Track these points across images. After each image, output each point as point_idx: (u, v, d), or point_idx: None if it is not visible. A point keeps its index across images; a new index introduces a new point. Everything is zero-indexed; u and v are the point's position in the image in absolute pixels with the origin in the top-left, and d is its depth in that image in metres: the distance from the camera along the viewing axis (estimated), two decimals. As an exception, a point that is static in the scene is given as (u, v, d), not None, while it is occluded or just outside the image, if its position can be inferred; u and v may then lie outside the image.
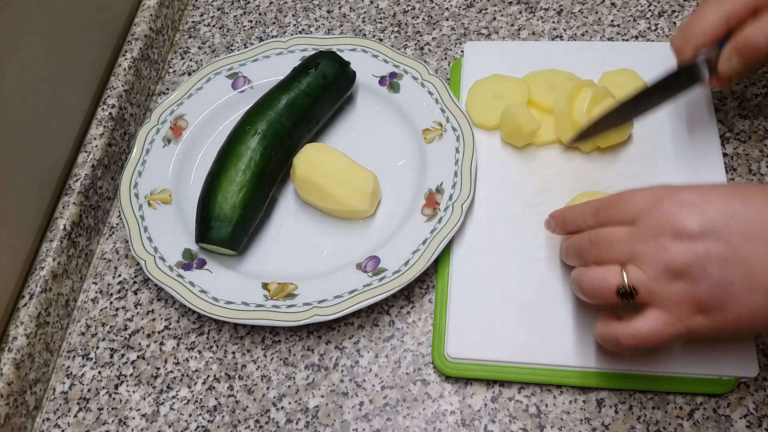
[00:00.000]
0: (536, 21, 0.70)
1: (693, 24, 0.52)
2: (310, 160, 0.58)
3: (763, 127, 0.60)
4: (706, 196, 0.42)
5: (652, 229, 0.42)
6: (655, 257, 0.42)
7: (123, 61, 0.68)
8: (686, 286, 0.41)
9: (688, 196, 0.42)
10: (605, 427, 0.49)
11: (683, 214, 0.41)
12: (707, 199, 0.42)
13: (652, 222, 0.43)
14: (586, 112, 0.57)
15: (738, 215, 0.41)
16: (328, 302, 0.53)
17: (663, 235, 0.42)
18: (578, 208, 0.49)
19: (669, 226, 0.42)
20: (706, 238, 0.41)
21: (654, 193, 0.44)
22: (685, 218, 0.41)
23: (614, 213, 0.45)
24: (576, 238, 0.48)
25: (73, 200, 0.60)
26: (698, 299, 0.41)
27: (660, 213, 0.42)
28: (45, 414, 0.54)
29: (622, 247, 0.44)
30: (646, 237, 0.43)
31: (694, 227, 0.41)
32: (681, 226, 0.41)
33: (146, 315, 0.58)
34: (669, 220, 0.42)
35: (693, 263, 0.41)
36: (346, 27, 0.73)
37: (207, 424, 0.52)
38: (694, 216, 0.41)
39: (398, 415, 0.51)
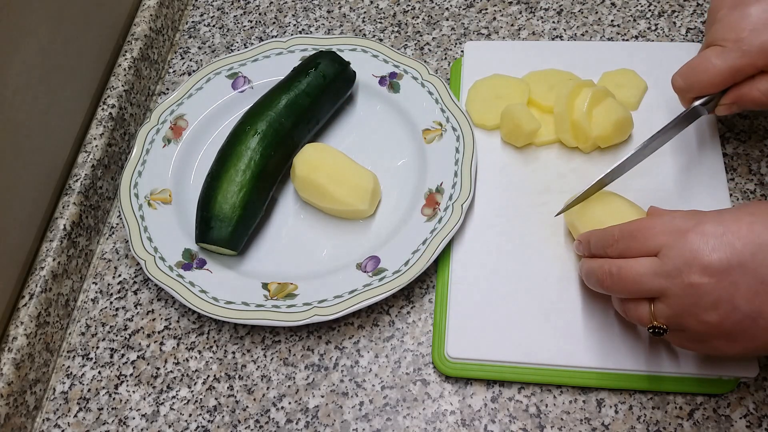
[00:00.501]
0: (536, 21, 0.70)
1: (699, 72, 0.52)
2: (310, 160, 0.58)
3: (763, 127, 0.60)
4: (730, 227, 0.41)
5: (678, 265, 0.41)
6: (684, 295, 0.41)
7: (123, 61, 0.68)
8: (716, 319, 0.41)
9: (711, 228, 0.41)
10: (605, 427, 0.49)
11: (709, 248, 0.41)
12: (732, 230, 0.41)
13: (677, 257, 0.41)
14: (586, 112, 0.57)
15: (764, 245, 0.40)
16: (328, 302, 0.53)
17: (690, 272, 0.41)
18: (601, 234, 0.47)
19: (695, 262, 0.41)
20: (734, 273, 0.40)
21: (676, 224, 0.43)
22: (711, 253, 0.40)
23: (636, 244, 0.44)
24: (595, 265, 0.47)
25: (73, 200, 0.60)
26: (728, 331, 0.42)
27: (685, 247, 0.41)
28: (45, 414, 0.54)
29: (648, 283, 0.43)
30: (672, 273, 0.42)
31: (721, 263, 0.40)
32: (708, 262, 0.40)
33: (146, 315, 0.58)
34: (695, 255, 0.41)
35: (722, 298, 0.40)
36: (346, 27, 0.73)
37: (207, 424, 0.52)
38: (721, 250, 0.40)
39: (398, 415, 0.51)
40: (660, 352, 0.50)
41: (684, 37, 0.67)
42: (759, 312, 0.40)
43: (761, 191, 0.57)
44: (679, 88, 0.54)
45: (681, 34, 0.67)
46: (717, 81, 0.51)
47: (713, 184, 0.56)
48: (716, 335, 0.42)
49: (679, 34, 0.67)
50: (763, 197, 0.57)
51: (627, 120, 0.58)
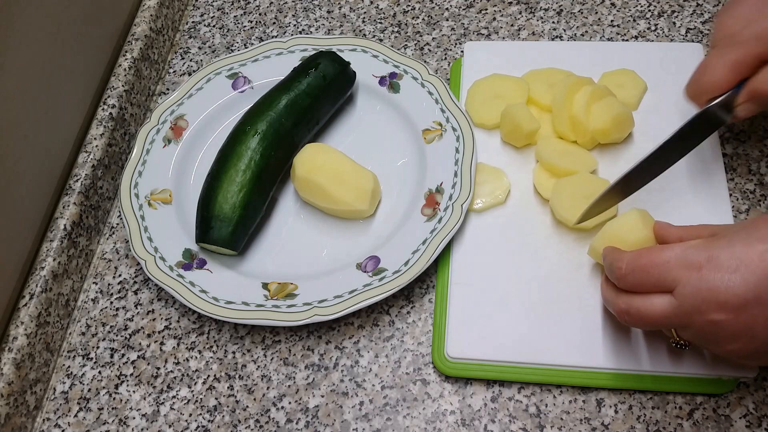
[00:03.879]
0: (536, 21, 0.70)
1: (703, 76, 0.52)
2: (310, 160, 0.58)
3: (763, 127, 0.60)
4: (743, 258, 0.41)
5: (695, 304, 0.42)
6: (703, 329, 0.42)
7: (123, 61, 0.68)
8: (737, 347, 0.42)
9: (725, 261, 0.41)
10: (605, 427, 0.49)
11: (725, 285, 0.40)
12: (745, 262, 0.40)
13: (694, 296, 0.42)
14: (585, 107, 0.57)
15: None
16: (328, 302, 0.53)
17: (708, 310, 0.41)
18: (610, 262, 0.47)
19: (713, 300, 0.41)
20: (752, 307, 0.40)
21: (689, 258, 0.42)
22: (728, 290, 0.40)
23: (650, 280, 0.44)
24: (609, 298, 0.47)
25: (74, 200, 0.60)
26: (749, 354, 0.43)
27: (701, 286, 0.41)
28: (45, 414, 0.55)
29: (667, 323, 0.44)
30: (690, 312, 0.42)
31: (738, 299, 0.40)
32: (725, 300, 0.40)
33: (146, 315, 0.58)
34: (712, 294, 0.41)
35: (741, 331, 0.41)
36: (346, 27, 0.73)
37: (207, 423, 0.52)
38: (737, 286, 0.40)
39: (398, 414, 0.51)
40: (660, 352, 0.50)
41: (684, 37, 0.67)
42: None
43: (761, 191, 0.57)
44: (691, 94, 0.54)
45: (681, 35, 0.67)
46: (721, 78, 0.51)
47: (713, 184, 0.56)
48: (738, 356, 0.44)
49: (678, 35, 0.67)
50: (763, 197, 0.57)
51: (626, 116, 0.58)
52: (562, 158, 0.57)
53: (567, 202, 0.55)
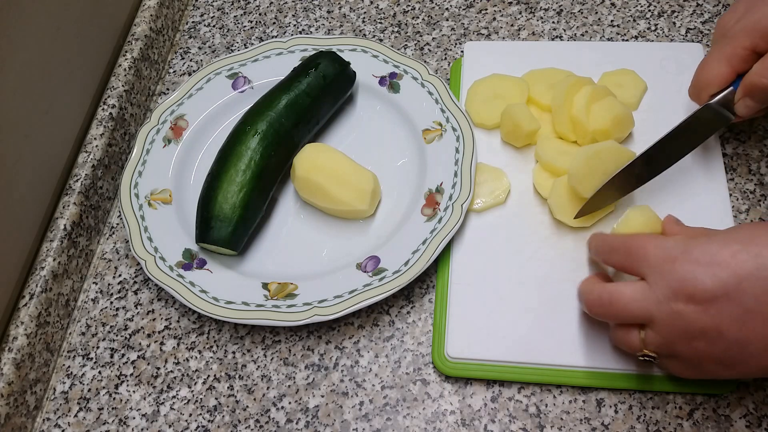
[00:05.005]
0: (536, 21, 0.70)
1: (700, 75, 0.54)
2: (310, 160, 0.58)
3: (763, 127, 0.60)
4: (717, 255, 0.41)
5: (665, 293, 0.42)
6: (671, 323, 0.42)
7: (123, 61, 0.68)
8: (705, 346, 0.42)
9: (699, 256, 0.42)
10: (605, 427, 0.49)
11: (695, 277, 0.41)
12: (718, 259, 0.41)
13: (664, 284, 0.42)
14: (585, 107, 0.57)
15: (750, 275, 0.40)
16: (328, 302, 0.53)
17: (677, 299, 0.42)
18: (604, 239, 0.48)
19: (682, 290, 0.41)
20: (720, 302, 0.40)
21: (666, 250, 0.43)
22: (697, 282, 0.41)
23: (627, 261, 0.45)
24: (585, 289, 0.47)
25: (74, 200, 0.60)
26: (717, 357, 0.42)
27: (672, 275, 0.42)
28: (45, 414, 0.55)
29: (637, 309, 0.44)
30: (659, 300, 0.42)
31: (706, 292, 0.41)
32: (693, 292, 0.41)
33: (146, 315, 0.58)
34: (682, 284, 0.41)
35: (709, 327, 0.41)
36: (346, 27, 0.73)
37: (207, 423, 0.52)
38: (707, 279, 0.41)
39: (398, 415, 0.51)
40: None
41: (684, 37, 0.67)
42: (747, 340, 0.41)
43: (761, 191, 0.57)
44: (692, 93, 0.55)
45: (681, 35, 0.67)
46: (716, 73, 0.52)
47: (713, 184, 0.56)
48: (708, 361, 0.43)
49: (678, 35, 0.67)
50: (763, 197, 0.57)
51: (626, 116, 0.58)
52: (561, 158, 0.57)
53: (565, 202, 0.55)
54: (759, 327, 0.40)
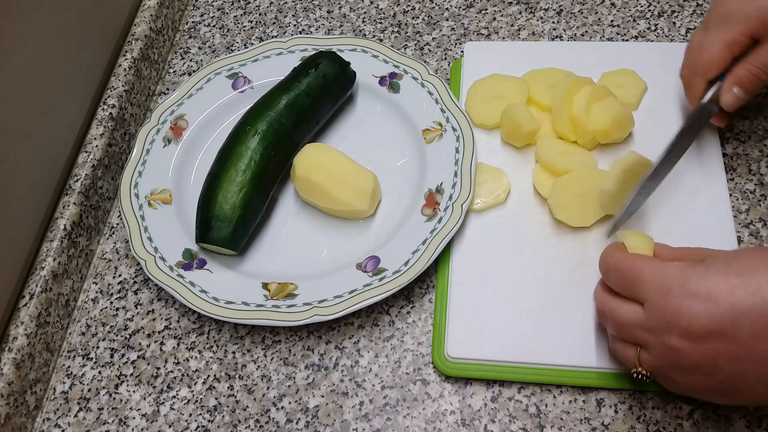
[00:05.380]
0: (536, 21, 0.70)
1: (698, 56, 0.54)
2: (310, 160, 0.58)
3: (763, 127, 0.60)
4: (713, 289, 0.40)
5: (659, 324, 0.41)
6: (665, 354, 0.42)
7: (123, 61, 0.68)
8: (698, 378, 0.42)
9: (695, 288, 0.40)
10: (605, 427, 0.49)
11: (690, 312, 0.40)
12: (714, 294, 0.40)
13: (659, 316, 0.41)
14: (585, 107, 0.57)
15: (746, 313, 0.39)
16: (328, 302, 0.53)
17: (671, 333, 0.41)
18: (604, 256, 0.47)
19: (675, 325, 0.40)
20: (715, 339, 0.39)
21: (662, 278, 0.42)
22: (692, 318, 0.40)
23: (623, 285, 0.45)
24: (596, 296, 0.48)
25: (74, 200, 0.60)
26: (712, 388, 0.42)
27: (667, 308, 0.41)
28: (45, 414, 0.55)
29: (633, 333, 0.44)
30: (654, 330, 0.42)
31: (700, 328, 0.40)
32: (687, 327, 0.40)
33: (146, 315, 0.58)
34: (676, 318, 0.40)
35: (702, 362, 0.40)
36: (346, 27, 0.73)
37: (207, 423, 0.52)
38: (702, 315, 0.40)
39: (398, 415, 0.51)
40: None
41: (684, 37, 0.67)
42: (741, 375, 0.40)
43: (761, 191, 0.57)
44: (687, 76, 0.55)
45: (681, 34, 0.67)
46: (718, 58, 0.53)
47: (713, 184, 0.56)
48: (702, 390, 0.43)
49: (678, 34, 0.67)
50: (763, 197, 0.57)
51: (626, 116, 0.58)
52: (561, 158, 0.57)
53: (565, 201, 0.55)
54: (755, 364, 0.39)
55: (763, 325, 0.38)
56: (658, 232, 0.53)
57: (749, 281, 0.39)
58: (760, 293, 0.39)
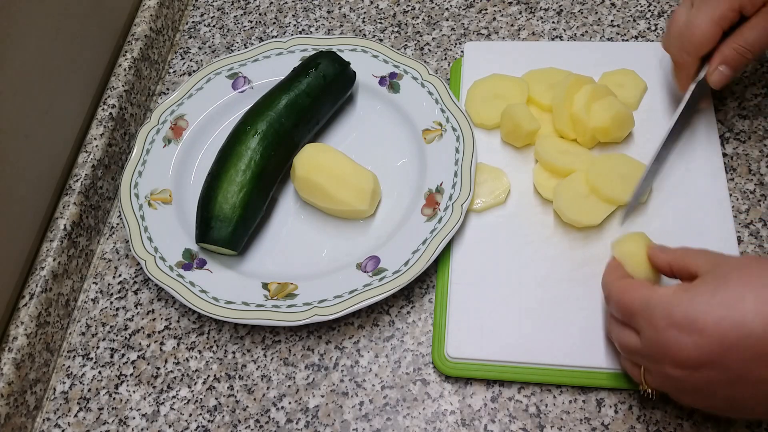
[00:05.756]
0: (536, 21, 0.70)
1: (689, 35, 0.53)
2: (311, 160, 0.58)
3: (763, 127, 0.60)
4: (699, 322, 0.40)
5: (654, 355, 0.42)
6: (665, 378, 0.43)
7: (123, 61, 0.68)
8: (700, 399, 0.43)
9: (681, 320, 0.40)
10: (605, 427, 0.49)
11: (679, 345, 0.40)
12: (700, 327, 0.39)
13: (652, 349, 0.42)
14: (585, 105, 0.57)
15: (733, 345, 0.39)
16: (328, 302, 0.53)
17: (664, 363, 0.42)
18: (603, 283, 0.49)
19: (667, 357, 0.41)
20: (707, 369, 0.40)
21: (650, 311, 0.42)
22: (681, 351, 0.40)
23: (618, 314, 0.46)
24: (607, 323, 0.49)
25: (74, 200, 0.60)
26: (716, 406, 0.43)
27: (658, 341, 0.41)
28: (45, 414, 0.55)
29: (634, 357, 0.45)
30: (650, 358, 0.43)
31: (690, 361, 0.40)
32: (678, 360, 0.41)
33: (146, 315, 0.58)
34: (666, 351, 0.41)
35: (699, 387, 0.41)
36: (346, 27, 0.73)
37: (207, 423, 0.52)
38: (690, 348, 0.40)
39: (398, 414, 0.51)
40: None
41: (684, 37, 0.67)
42: (738, 398, 0.41)
43: (761, 191, 0.57)
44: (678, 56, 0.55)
45: (681, 34, 0.67)
46: (709, 35, 0.53)
47: (713, 184, 0.56)
48: (708, 407, 0.45)
49: (679, 34, 0.67)
50: (763, 197, 0.57)
51: (626, 115, 0.58)
52: (561, 157, 0.57)
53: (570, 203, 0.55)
54: (751, 388, 0.40)
55: (752, 354, 0.39)
56: (659, 232, 0.53)
57: (734, 313, 0.39)
58: (746, 327, 0.39)
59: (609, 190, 0.55)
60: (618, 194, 0.55)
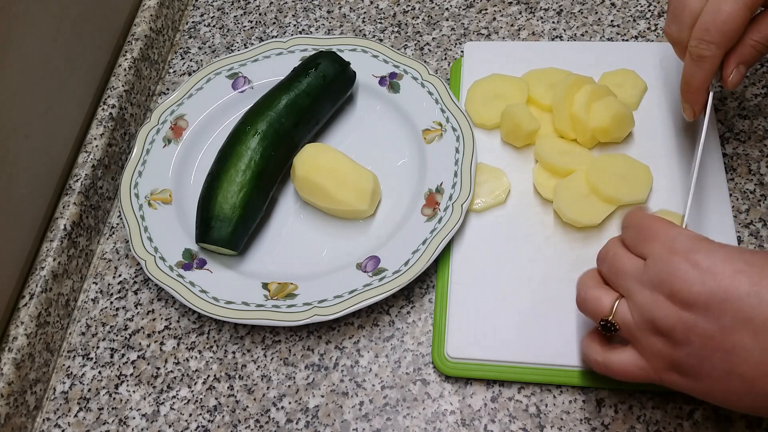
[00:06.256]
0: (536, 21, 0.70)
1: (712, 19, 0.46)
2: (311, 160, 0.58)
3: (763, 127, 0.60)
4: (717, 266, 0.39)
5: (653, 279, 0.41)
6: (646, 308, 0.41)
7: (123, 61, 0.68)
8: (666, 345, 0.41)
9: (700, 259, 0.40)
10: (605, 427, 0.49)
11: (686, 278, 0.40)
12: (716, 270, 0.39)
13: (657, 271, 0.41)
14: (585, 105, 0.57)
15: (738, 299, 0.38)
16: (328, 302, 0.53)
17: (661, 290, 0.41)
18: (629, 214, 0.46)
19: (668, 284, 0.40)
20: (698, 311, 0.39)
21: (673, 240, 0.41)
22: (685, 283, 0.40)
23: (635, 239, 0.44)
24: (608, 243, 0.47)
25: (74, 200, 0.60)
26: (675, 360, 0.41)
27: (667, 267, 0.41)
28: (45, 414, 0.55)
29: (624, 281, 0.43)
30: (646, 283, 0.42)
31: (689, 296, 0.39)
32: (678, 290, 0.40)
33: (146, 315, 0.58)
34: (671, 278, 0.40)
35: (677, 329, 0.40)
36: (346, 27, 0.73)
37: (207, 423, 0.52)
38: (695, 283, 0.39)
39: (398, 415, 0.51)
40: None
41: (684, 37, 0.67)
42: (707, 356, 0.39)
43: (761, 191, 0.57)
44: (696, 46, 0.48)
45: (681, 34, 0.67)
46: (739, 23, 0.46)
47: (713, 184, 0.56)
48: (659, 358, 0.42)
49: (679, 34, 0.67)
50: (763, 197, 0.57)
51: (627, 115, 0.58)
52: (561, 157, 0.57)
53: (570, 203, 0.55)
54: (723, 353, 0.39)
55: (747, 316, 0.38)
56: (658, 232, 0.53)
57: (754, 273, 0.39)
58: (758, 286, 0.38)
59: (609, 190, 0.55)
60: (618, 194, 0.55)
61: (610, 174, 0.56)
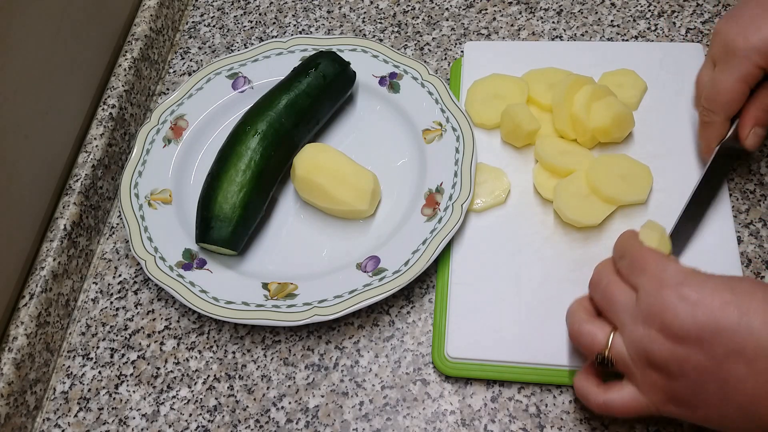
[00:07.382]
0: (536, 21, 0.70)
1: (717, 96, 0.52)
2: (311, 160, 0.58)
3: (763, 127, 0.60)
4: (705, 298, 0.40)
5: (645, 313, 0.42)
6: (640, 343, 0.42)
7: (123, 61, 0.68)
8: (662, 378, 0.42)
9: (689, 292, 0.41)
10: (605, 427, 0.49)
11: (676, 311, 0.40)
12: (705, 302, 0.40)
13: (648, 305, 0.42)
14: (585, 105, 0.57)
15: (728, 330, 0.39)
16: (328, 302, 0.53)
17: (653, 325, 0.41)
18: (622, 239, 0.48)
19: (660, 319, 0.41)
20: (690, 344, 0.40)
21: (663, 273, 0.42)
22: (676, 316, 0.40)
23: (627, 270, 0.45)
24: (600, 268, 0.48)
25: (74, 200, 0.60)
26: (672, 392, 0.42)
27: (657, 301, 0.41)
28: (45, 414, 0.55)
29: (618, 314, 0.44)
30: (638, 318, 0.42)
31: (681, 330, 0.40)
32: (669, 324, 0.40)
33: (146, 315, 0.58)
34: (662, 312, 0.41)
35: (671, 362, 0.41)
36: (346, 27, 0.73)
37: (207, 423, 0.52)
38: (686, 317, 0.40)
39: (398, 415, 0.51)
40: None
41: (684, 37, 0.67)
42: (703, 387, 0.40)
43: (761, 191, 0.57)
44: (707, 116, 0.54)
45: (681, 34, 0.67)
46: (737, 95, 0.52)
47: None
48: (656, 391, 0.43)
49: (678, 34, 0.67)
50: (763, 197, 0.57)
51: (627, 115, 0.58)
52: (561, 158, 0.57)
53: (570, 203, 0.55)
54: (718, 384, 0.39)
55: (738, 347, 0.39)
56: (658, 232, 0.53)
57: (741, 302, 0.39)
58: (747, 316, 0.39)
59: (609, 190, 0.55)
60: (618, 194, 0.55)
61: (610, 174, 0.56)
